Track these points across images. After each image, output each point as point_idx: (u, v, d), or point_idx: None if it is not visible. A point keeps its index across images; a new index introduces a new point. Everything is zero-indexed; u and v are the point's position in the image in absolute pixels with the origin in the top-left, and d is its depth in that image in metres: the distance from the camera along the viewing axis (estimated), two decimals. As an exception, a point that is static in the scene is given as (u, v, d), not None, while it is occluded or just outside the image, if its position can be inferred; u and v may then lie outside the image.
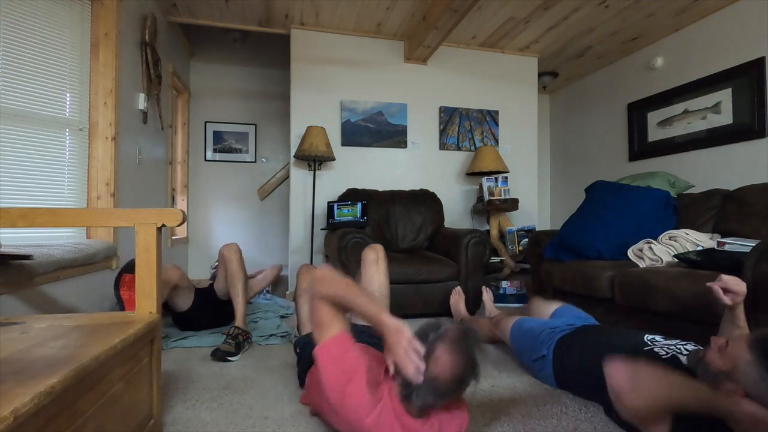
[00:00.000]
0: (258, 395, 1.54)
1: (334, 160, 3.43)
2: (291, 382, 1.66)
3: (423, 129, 3.78)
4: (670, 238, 2.26)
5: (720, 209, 2.41)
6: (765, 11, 2.82)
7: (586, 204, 2.74)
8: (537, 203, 4.09)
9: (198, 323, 2.36)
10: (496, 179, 3.48)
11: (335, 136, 3.54)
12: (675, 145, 3.45)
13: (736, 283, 1.24)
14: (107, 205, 2.36)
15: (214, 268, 3.07)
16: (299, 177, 3.52)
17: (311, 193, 3.44)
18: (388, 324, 1.06)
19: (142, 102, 2.80)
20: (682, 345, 1.30)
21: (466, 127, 3.87)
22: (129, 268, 2.06)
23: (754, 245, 1.61)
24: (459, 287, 2.64)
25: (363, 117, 3.62)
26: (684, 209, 2.54)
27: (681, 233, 2.23)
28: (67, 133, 2.22)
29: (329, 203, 3.22)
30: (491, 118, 3.93)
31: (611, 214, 2.50)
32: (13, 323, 1.05)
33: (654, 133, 3.66)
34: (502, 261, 3.36)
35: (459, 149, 3.86)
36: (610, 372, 1.13)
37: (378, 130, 3.65)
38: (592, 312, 1.87)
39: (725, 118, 3.07)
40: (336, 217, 3.15)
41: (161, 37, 3.21)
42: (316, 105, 3.55)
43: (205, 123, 4.43)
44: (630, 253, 2.32)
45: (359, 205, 3.11)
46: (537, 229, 3.43)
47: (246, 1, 3.12)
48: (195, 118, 4.39)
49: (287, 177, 4.05)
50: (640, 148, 3.79)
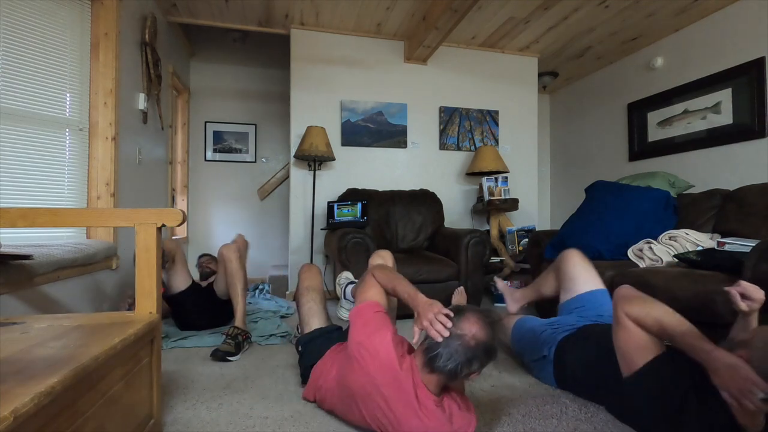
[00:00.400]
0: (258, 395, 1.54)
1: (334, 160, 3.43)
2: (291, 382, 1.66)
3: (423, 129, 3.78)
4: (670, 238, 2.26)
5: (720, 209, 2.41)
6: (765, 11, 2.82)
7: (586, 204, 2.74)
8: (537, 203, 4.09)
9: (198, 323, 2.36)
10: (496, 179, 3.48)
11: (335, 136, 3.54)
12: (675, 145, 3.45)
13: (755, 290, 1.21)
14: (107, 205, 2.36)
15: (198, 265, 3.07)
16: (299, 177, 3.52)
17: (311, 193, 3.44)
18: (423, 299, 1.22)
19: (142, 102, 2.80)
20: None
21: (466, 127, 3.87)
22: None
23: (754, 245, 1.61)
24: (461, 287, 2.62)
25: (363, 117, 3.62)
26: (684, 209, 2.54)
27: (681, 233, 2.23)
28: (67, 133, 2.22)
29: (329, 203, 3.22)
30: (491, 118, 3.93)
31: (611, 214, 2.50)
32: (13, 323, 1.05)
33: (654, 133, 3.66)
34: (502, 261, 3.36)
35: (459, 149, 3.86)
36: (620, 288, 1.32)
37: (378, 130, 3.65)
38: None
39: (725, 118, 3.07)
40: (336, 217, 3.15)
41: (161, 37, 3.21)
42: (316, 105, 3.55)
43: (205, 123, 4.43)
44: (630, 253, 2.32)
45: (359, 205, 3.11)
46: (537, 229, 3.43)
47: (246, 1, 3.12)
48: (195, 118, 4.39)
49: (287, 177, 4.05)
50: (640, 148, 3.79)
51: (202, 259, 3.06)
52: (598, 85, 4.34)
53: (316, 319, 1.62)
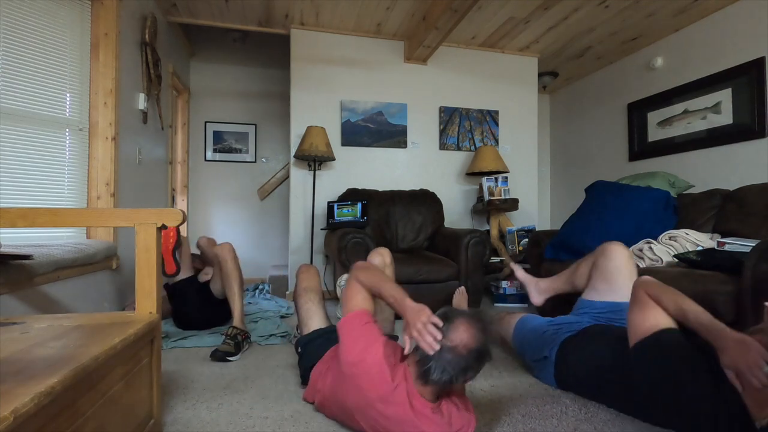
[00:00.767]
0: (258, 395, 1.54)
1: (334, 160, 3.43)
2: (291, 382, 1.66)
3: (423, 129, 3.78)
4: (670, 238, 2.26)
5: (720, 209, 2.41)
6: (765, 11, 2.82)
7: (586, 204, 2.74)
8: (537, 203, 4.09)
9: (197, 319, 2.37)
10: (496, 179, 3.48)
11: (335, 136, 3.54)
12: (675, 145, 3.45)
13: None
14: (107, 205, 2.36)
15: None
16: (299, 177, 3.52)
17: (311, 193, 3.44)
18: (410, 305, 1.15)
19: (142, 102, 2.80)
20: None
21: (466, 127, 3.87)
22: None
23: (754, 245, 1.61)
24: (462, 287, 2.62)
25: (363, 117, 3.62)
26: (684, 209, 2.54)
27: (681, 233, 2.23)
28: (67, 133, 2.22)
29: (329, 203, 3.22)
30: (491, 118, 3.93)
31: (611, 214, 2.50)
32: (13, 323, 1.05)
33: (654, 133, 3.66)
34: (502, 261, 3.36)
35: (459, 149, 3.86)
36: (641, 277, 1.38)
37: (378, 130, 3.65)
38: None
39: (725, 118, 3.07)
40: (336, 217, 3.15)
41: (161, 37, 3.21)
42: (316, 105, 3.55)
43: (205, 123, 4.43)
44: (630, 253, 2.32)
45: (359, 205, 3.11)
46: (537, 229, 3.43)
47: (246, 1, 3.12)
48: (195, 118, 4.39)
49: (287, 177, 4.05)
50: (640, 148, 3.79)
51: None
52: (598, 85, 4.34)
53: (315, 320, 1.62)
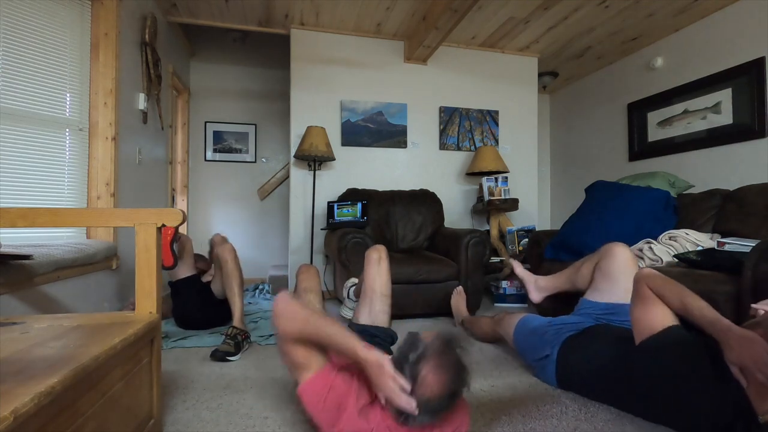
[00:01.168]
0: (258, 395, 1.54)
1: (334, 160, 3.43)
2: (291, 382, 1.66)
3: (423, 129, 3.78)
4: (670, 238, 2.26)
5: (720, 209, 2.41)
6: (765, 11, 2.82)
7: (586, 204, 2.74)
8: (537, 203, 4.09)
9: (197, 318, 2.37)
10: (496, 179, 3.48)
11: (335, 136, 3.54)
12: (675, 145, 3.45)
13: None
14: (107, 205, 2.36)
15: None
16: (299, 177, 3.52)
17: (311, 193, 3.44)
18: (366, 358, 1.02)
19: (142, 102, 2.80)
20: None
21: (466, 127, 3.87)
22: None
23: (754, 245, 1.61)
24: (460, 287, 2.64)
25: (363, 117, 3.62)
26: (684, 209, 2.54)
27: (681, 233, 2.23)
28: (67, 133, 2.22)
29: (329, 203, 3.22)
30: (491, 118, 3.93)
31: (611, 214, 2.50)
32: (13, 323, 1.05)
33: (654, 133, 3.66)
34: (502, 261, 3.36)
35: (459, 149, 3.86)
36: (643, 269, 1.38)
37: (378, 130, 3.65)
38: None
39: (725, 118, 3.07)
40: (336, 217, 3.15)
41: (161, 37, 3.21)
42: (316, 105, 3.55)
43: (205, 123, 4.43)
44: (630, 253, 2.32)
45: (359, 205, 3.11)
46: (537, 229, 3.43)
47: (246, 1, 3.12)
48: (195, 118, 4.39)
49: (287, 177, 4.05)
50: (640, 148, 3.79)
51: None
52: (598, 85, 4.34)
53: None
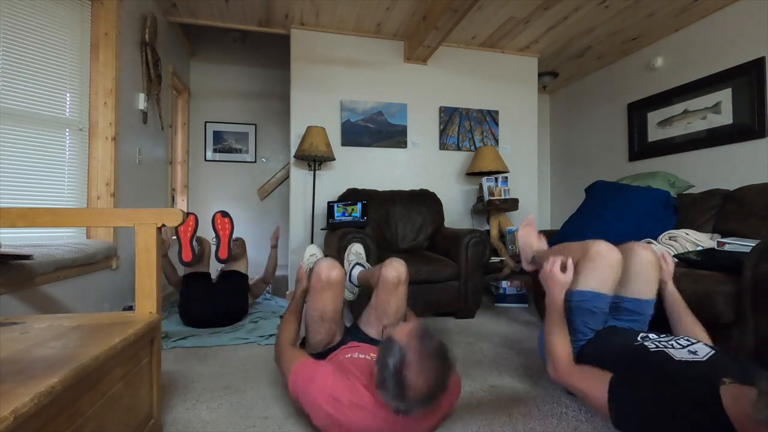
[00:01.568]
0: (258, 395, 1.54)
1: (334, 160, 3.43)
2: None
3: (423, 129, 3.78)
4: (670, 238, 2.26)
5: (720, 209, 2.41)
6: (765, 11, 2.82)
7: (586, 204, 2.74)
8: (537, 203, 4.09)
9: (200, 311, 2.40)
10: (496, 179, 3.48)
11: (335, 136, 3.54)
12: (675, 145, 3.45)
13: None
14: (107, 205, 2.36)
15: None
16: (299, 177, 3.52)
17: (311, 193, 3.44)
18: None
19: (142, 102, 2.80)
20: (674, 340, 1.30)
21: (466, 127, 3.87)
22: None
23: (754, 245, 1.61)
24: (532, 215, 2.04)
25: (363, 117, 3.62)
26: (684, 209, 2.54)
27: (681, 233, 2.23)
28: (67, 133, 2.22)
29: (329, 203, 3.22)
30: (491, 118, 3.93)
31: (611, 214, 2.50)
32: (13, 323, 1.05)
33: (654, 133, 3.66)
34: (502, 261, 3.36)
35: (459, 149, 3.86)
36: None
37: (378, 130, 3.65)
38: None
39: (725, 118, 3.07)
40: (336, 217, 3.15)
41: (161, 37, 3.21)
42: (316, 105, 3.55)
43: (205, 123, 4.43)
44: (630, 253, 2.31)
45: (359, 205, 3.11)
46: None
47: (246, 1, 3.12)
48: (195, 118, 4.39)
49: (287, 177, 4.05)
50: (640, 148, 3.79)
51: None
52: (598, 85, 4.33)
53: None
